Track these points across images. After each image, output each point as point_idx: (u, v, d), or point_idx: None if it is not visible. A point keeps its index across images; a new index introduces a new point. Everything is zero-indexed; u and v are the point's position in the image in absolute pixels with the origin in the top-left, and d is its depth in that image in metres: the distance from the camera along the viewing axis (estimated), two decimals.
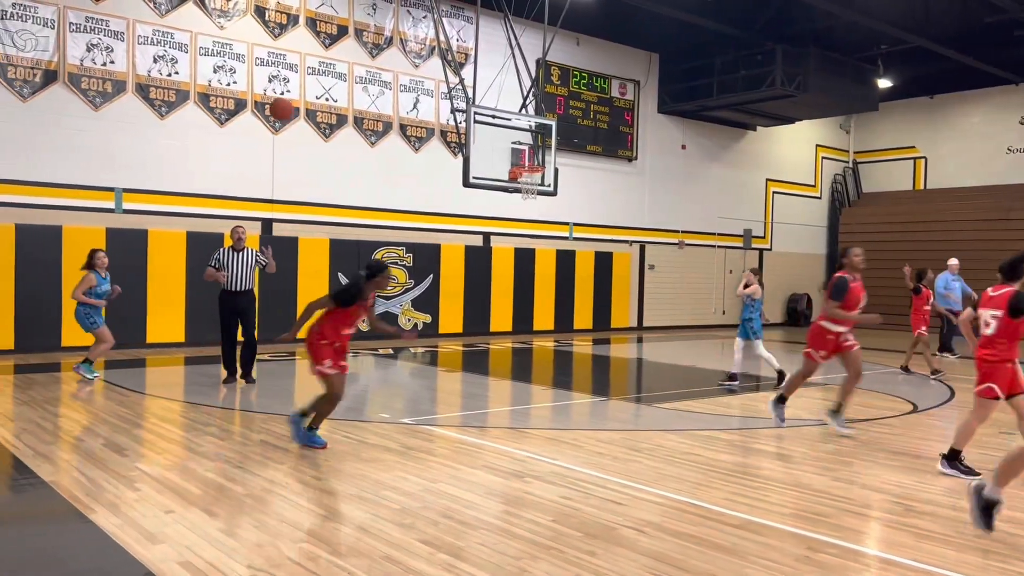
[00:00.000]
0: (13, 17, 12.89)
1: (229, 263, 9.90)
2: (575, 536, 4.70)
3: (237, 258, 9.94)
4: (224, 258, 9.94)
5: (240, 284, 9.94)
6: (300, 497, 5.38)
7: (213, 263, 9.96)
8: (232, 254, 9.96)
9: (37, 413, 8.13)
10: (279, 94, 15.54)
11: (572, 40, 19.62)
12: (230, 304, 9.98)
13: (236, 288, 9.92)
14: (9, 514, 5.23)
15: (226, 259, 9.93)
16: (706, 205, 23.25)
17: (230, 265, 9.90)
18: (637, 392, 10.65)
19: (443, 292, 17.65)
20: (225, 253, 9.99)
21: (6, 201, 12.88)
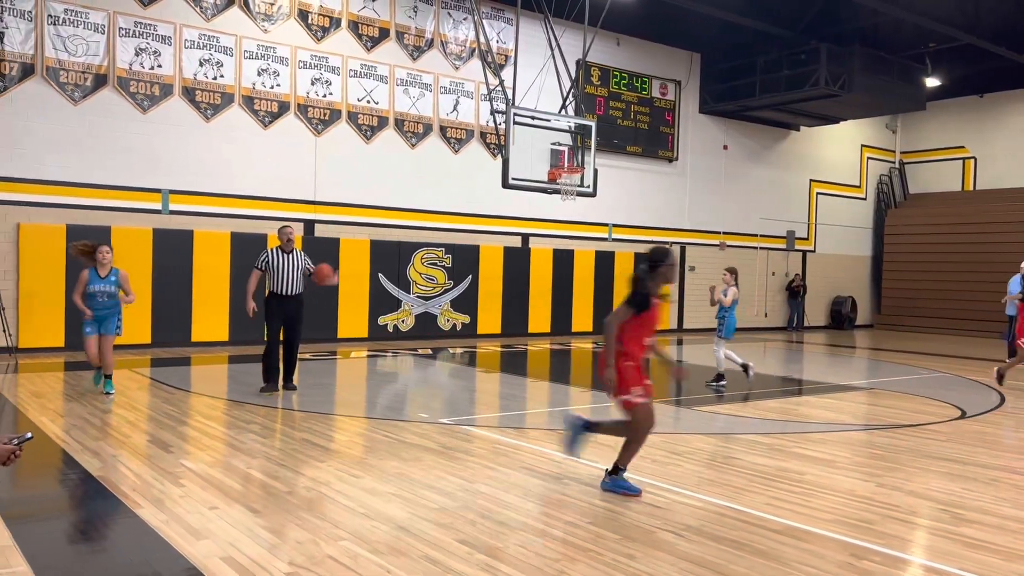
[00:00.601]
0: (65, 23, 13.23)
1: (277, 265, 9.29)
2: (613, 539, 4.68)
3: (285, 260, 9.31)
4: (272, 259, 9.32)
5: (289, 287, 9.30)
6: (340, 495, 5.43)
7: (260, 265, 9.37)
8: (280, 255, 9.32)
9: (86, 409, 8.33)
10: (321, 97, 15.73)
11: (612, 40, 19.54)
12: (278, 309, 9.34)
13: (285, 292, 9.30)
14: (59, 508, 5.37)
15: (274, 260, 9.31)
16: (748, 206, 22.99)
17: (278, 267, 9.28)
18: (677, 395, 10.56)
19: (482, 293, 17.70)
20: (273, 254, 9.35)
21: (58, 202, 13.22)
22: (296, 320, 9.48)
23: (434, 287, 17.08)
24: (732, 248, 22.61)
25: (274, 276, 9.32)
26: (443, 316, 17.27)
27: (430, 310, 17.09)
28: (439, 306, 17.23)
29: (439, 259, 17.12)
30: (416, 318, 16.90)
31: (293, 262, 9.39)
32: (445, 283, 17.23)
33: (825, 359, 16.71)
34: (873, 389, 11.07)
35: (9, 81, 12.80)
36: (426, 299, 17.00)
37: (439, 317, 17.21)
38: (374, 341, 16.16)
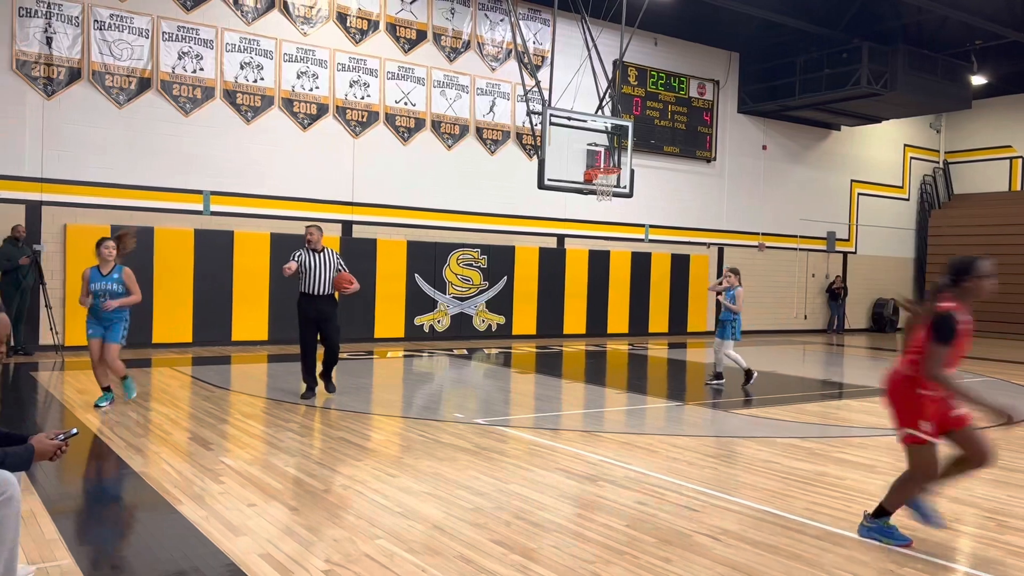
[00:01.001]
0: (110, 27, 13.52)
1: (307, 264, 9.09)
2: (649, 542, 4.65)
3: (315, 259, 9.10)
4: (304, 258, 9.14)
5: (318, 287, 9.07)
6: (376, 494, 5.47)
7: (295, 256, 9.21)
8: (310, 255, 9.13)
9: (129, 407, 8.50)
10: (359, 99, 15.87)
11: (650, 40, 19.43)
12: (308, 309, 9.14)
13: (314, 291, 9.08)
14: (103, 503, 5.49)
15: (305, 259, 9.12)
16: (787, 207, 22.70)
17: (309, 266, 9.07)
18: (714, 398, 10.46)
19: (517, 294, 17.71)
20: (303, 253, 9.17)
21: (103, 203, 13.50)
22: (329, 319, 9.20)
23: (470, 288, 17.13)
24: (771, 249, 22.35)
25: (304, 275, 9.11)
26: (478, 317, 17.32)
27: (465, 311, 17.15)
28: (474, 307, 17.27)
29: (475, 260, 17.17)
30: (452, 319, 16.96)
31: (324, 262, 9.14)
32: (480, 284, 17.27)
33: (866, 362, 16.44)
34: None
35: (57, 85, 13.12)
36: (462, 300, 17.06)
37: (474, 318, 17.26)
38: (410, 341, 16.26)
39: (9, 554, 3.13)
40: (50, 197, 13.11)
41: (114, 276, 8.13)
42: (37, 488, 5.36)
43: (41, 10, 12.95)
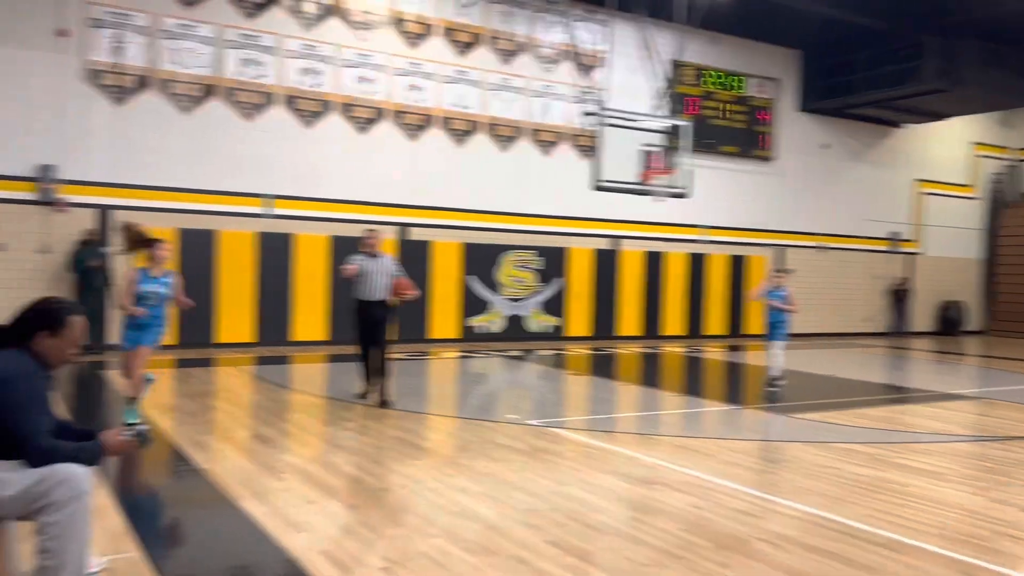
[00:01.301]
0: (177, 36, 13.93)
1: (363, 269, 9.00)
2: (706, 546, 4.60)
3: (371, 264, 9.02)
4: (363, 263, 9.06)
5: (375, 292, 8.97)
6: (433, 493, 5.53)
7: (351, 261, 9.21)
8: (365, 260, 9.04)
9: (194, 405, 8.75)
10: (416, 103, 16.04)
11: (707, 39, 19.20)
12: (362, 314, 9.07)
13: (367, 296, 8.99)
14: (169, 498, 5.66)
15: (364, 264, 9.04)
16: (849, 207, 22.17)
17: (364, 271, 8.98)
18: (772, 401, 10.29)
19: (571, 295, 17.68)
20: (363, 259, 9.09)
21: (170, 207, 13.92)
22: (378, 326, 9.00)
23: (523, 289, 17.16)
24: (831, 250, 21.87)
25: (359, 281, 9.04)
26: (532, 318, 17.34)
27: (519, 312, 17.19)
28: (528, 308, 17.30)
29: (529, 261, 17.19)
30: (506, 320, 17.02)
31: (380, 267, 9.04)
32: (534, 285, 17.29)
33: (931, 366, 15.98)
34: (984, 398, 10.51)
35: (127, 93, 13.57)
36: (515, 301, 17.11)
37: (528, 319, 17.29)
38: (464, 342, 16.36)
39: (81, 547, 3.26)
40: (119, 201, 13.56)
41: (165, 279, 7.47)
42: (107, 483, 5.55)
43: (112, 20, 13.41)
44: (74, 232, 13.04)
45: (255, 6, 14.56)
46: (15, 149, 12.78)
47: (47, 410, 3.33)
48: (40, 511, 3.18)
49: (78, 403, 9.03)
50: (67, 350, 3.45)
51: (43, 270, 12.99)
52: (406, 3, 15.96)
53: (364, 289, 9.03)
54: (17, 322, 3.42)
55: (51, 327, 3.40)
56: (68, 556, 3.18)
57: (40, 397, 3.31)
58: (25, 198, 12.91)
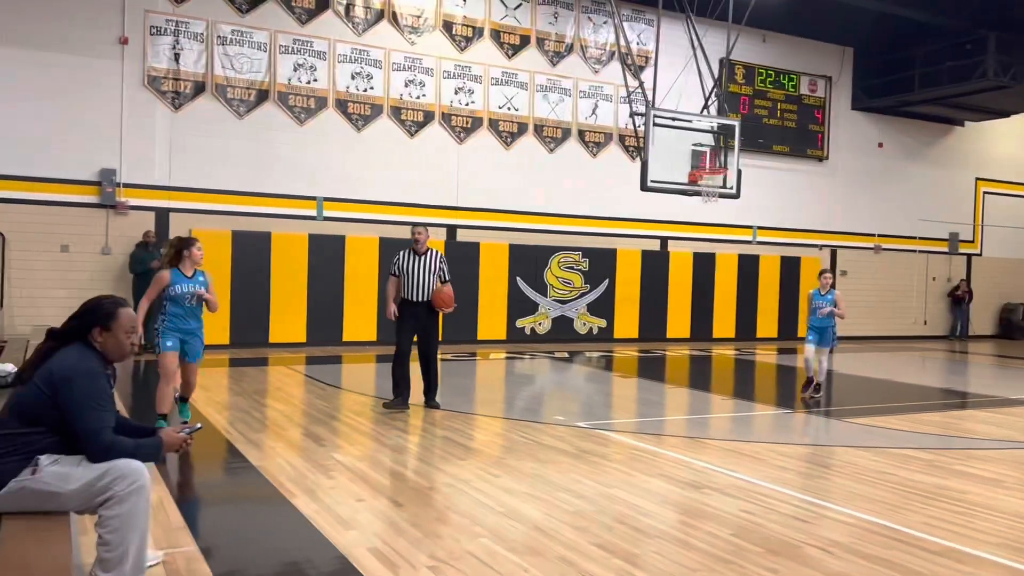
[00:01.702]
0: (232, 42, 14.24)
1: (408, 267, 8.63)
2: (756, 552, 4.55)
3: (417, 262, 8.63)
4: (403, 261, 8.68)
5: (419, 292, 8.55)
6: (479, 493, 5.56)
7: (394, 270, 8.78)
8: (411, 257, 8.66)
9: (247, 403, 8.93)
10: (464, 105, 16.15)
11: (758, 37, 18.95)
12: (408, 316, 8.62)
13: (415, 297, 8.57)
14: (224, 494, 5.79)
15: (405, 262, 8.66)
16: (906, 207, 21.65)
17: (409, 270, 8.62)
18: (825, 405, 10.10)
19: (619, 297, 17.59)
20: (404, 256, 8.71)
21: (224, 210, 14.23)
22: (428, 328, 8.65)
23: (571, 291, 17.13)
24: (887, 251, 21.38)
25: (405, 280, 8.62)
26: (580, 320, 17.30)
27: (567, 314, 17.16)
28: (576, 310, 17.26)
29: (576, 263, 17.16)
30: (553, 321, 17.01)
31: (426, 265, 8.60)
32: (582, 287, 17.25)
33: (992, 371, 15.51)
34: None
35: (184, 98, 13.92)
36: (563, 303, 17.09)
37: (576, 321, 17.25)
38: (512, 343, 16.40)
39: (140, 540, 3.36)
40: (177, 204, 13.91)
41: (200, 279, 7.12)
42: (165, 478, 5.71)
43: (170, 28, 13.77)
44: (134, 234, 13.42)
45: (308, 12, 14.81)
46: (78, 154, 13.21)
47: (109, 407, 3.43)
48: (101, 505, 3.29)
49: (135, 401, 9.29)
50: (123, 342, 3.55)
51: (105, 271, 13.39)
52: (455, 6, 16.08)
53: (408, 288, 8.63)
54: (72, 323, 3.54)
55: (102, 323, 3.51)
56: (128, 548, 3.28)
57: (102, 394, 3.41)
58: (88, 201, 13.33)
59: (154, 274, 13.08)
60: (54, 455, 3.33)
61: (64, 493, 3.27)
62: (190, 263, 7.12)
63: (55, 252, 13.12)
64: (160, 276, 7.00)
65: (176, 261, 7.06)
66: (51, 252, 13.10)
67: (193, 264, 7.12)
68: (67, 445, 3.36)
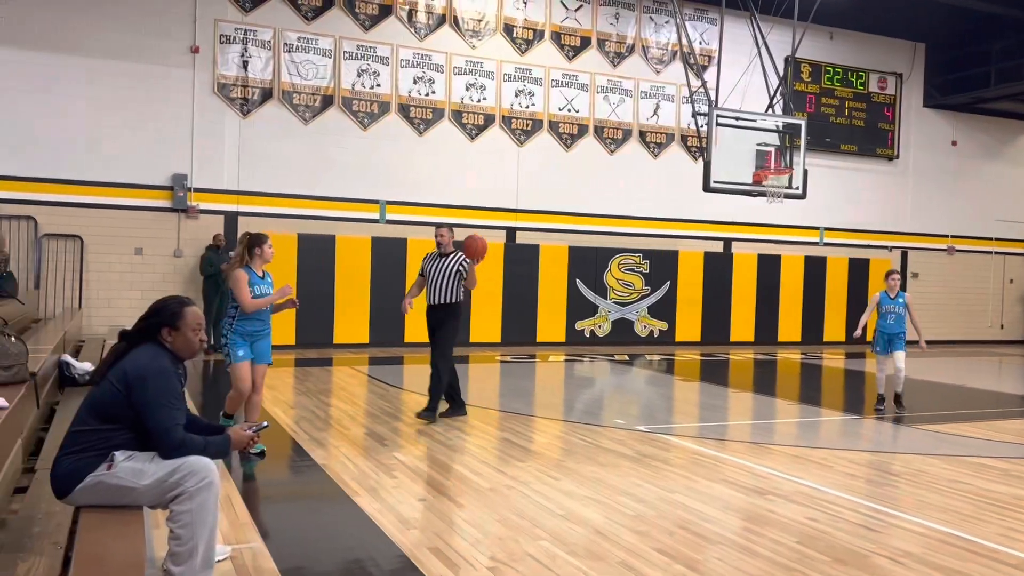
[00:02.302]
0: (298, 49, 14.56)
1: (428, 270, 8.34)
2: (822, 560, 4.44)
3: (436, 265, 8.28)
4: (426, 265, 8.42)
5: (434, 296, 8.24)
6: (539, 496, 5.56)
7: (422, 270, 8.50)
8: (434, 259, 8.35)
9: (312, 402, 9.11)
10: (524, 108, 16.18)
11: (824, 34, 18.52)
12: (427, 319, 8.44)
13: (431, 300, 8.29)
14: (289, 491, 5.92)
15: (427, 266, 8.38)
16: (981, 206, 20.87)
17: (428, 272, 8.32)
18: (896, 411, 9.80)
19: (680, 299, 17.38)
20: (428, 259, 8.43)
21: (291, 214, 14.54)
22: (439, 333, 8.27)
23: (631, 293, 17.00)
24: (961, 252, 20.65)
25: (427, 281, 8.36)
26: (640, 322, 17.15)
27: (627, 316, 17.03)
28: (636, 312, 17.12)
29: (636, 265, 17.02)
30: (613, 324, 16.90)
31: (445, 267, 8.21)
32: (642, 289, 17.10)
33: None
34: None
35: (252, 105, 14.28)
36: (623, 305, 16.96)
37: (636, 323, 17.11)
38: (571, 346, 16.35)
39: (209, 534, 3.45)
40: (245, 208, 14.27)
41: (269, 280, 6.68)
42: (233, 475, 5.86)
43: (238, 36, 14.15)
44: (204, 237, 13.82)
45: (371, 18, 15.05)
46: (152, 160, 13.67)
47: (180, 405, 3.54)
48: (173, 500, 3.40)
49: (206, 400, 9.55)
50: (192, 340, 3.66)
51: (176, 273, 13.82)
52: (515, 10, 16.13)
53: (428, 291, 8.36)
54: (141, 324, 3.66)
55: (170, 322, 3.62)
56: (198, 543, 3.38)
57: (174, 392, 3.52)
58: (160, 205, 13.78)
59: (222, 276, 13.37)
60: (129, 451, 3.45)
61: (138, 488, 3.39)
62: (261, 261, 6.60)
63: (130, 255, 13.59)
64: (239, 276, 6.39)
65: (248, 259, 6.51)
66: (126, 255, 13.58)
67: (263, 263, 6.62)
68: (141, 442, 3.48)
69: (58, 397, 6.60)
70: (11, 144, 12.87)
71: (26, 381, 4.67)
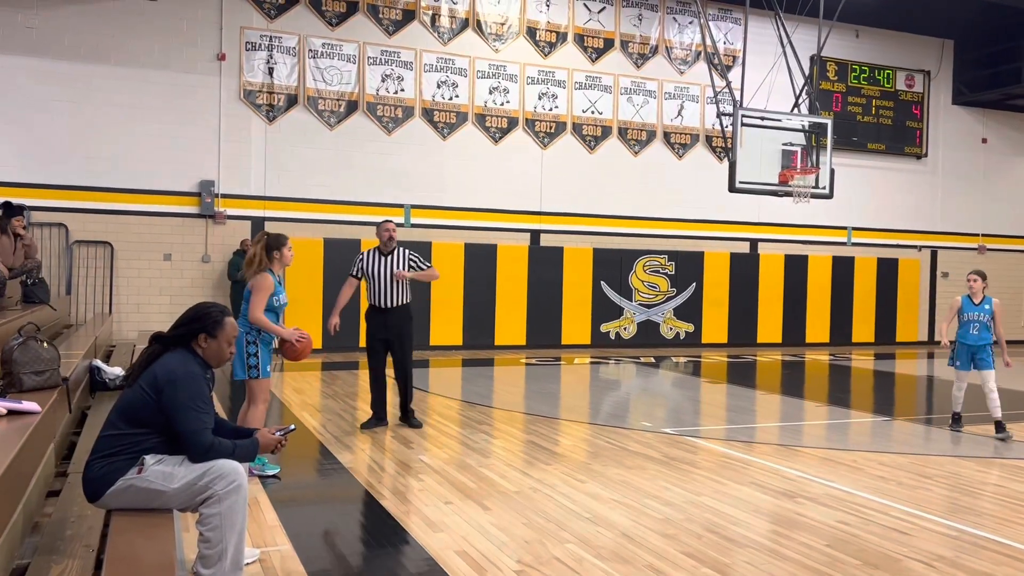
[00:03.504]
0: (322, 55, 14.67)
1: (373, 270, 7.58)
2: (853, 564, 4.38)
3: (382, 263, 7.58)
4: (367, 263, 7.61)
5: (387, 297, 7.57)
6: (565, 499, 5.55)
7: (355, 271, 7.69)
8: (376, 258, 7.62)
9: (339, 405, 9.16)
10: (547, 110, 16.18)
11: (850, 32, 18.33)
12: (377, 325, 7.64)
13: (384, 303, 7.60)
14: (316, 494, 5.95)
15: (369, 264, 7.61)
16: (1012, 204, 20.53)
17: (374, 273, 7.56)
18: (927, 413, 9.66)
19: (706, 301, 17.27)
20: (368, 257, 7.64)
21: (317, 218, 14.65)
22: (402, 338, 7.65)
23: (656, 295, 16.92)
24: (993, 252, 20.32)
25: (370, 284, 7.59)
26: (666, 324, 17.06)
27: (652, 318, 16.95)
28: (662, 314, 17.03)
29: (662, 266, 16.94)
30: (638, 326, 16.83)
31: (393, 264, 7.55)
32: (668, 291, 17.01)
33: None
34: None
35: (277, 111, 14.41)
36: (648, 307, 16.89)
37: (662, 325, 17.02)
38: (596, 348, 16.30)
39: (238, 537, 3.48)
40: (272, 213, 14.40)
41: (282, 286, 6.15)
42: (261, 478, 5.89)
43: (264, 43, 14.29)
44: (232, 243, 13.96)
45: (395, 23, 15.13)
46: (180, 166, 13.84)
47: (209, 409, 3.58)
48: (202, 503, 3.43)
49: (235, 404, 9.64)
50: (224, 350, 3.71)
51: (204, 278, 13.98)
52: (538, 13, 16.13)
53: (375, 293, 7.56)
54: (178, 328, 3.70)
55: (209, 330, 3.66)
56: (227, 545, 3.41)
57: (204, 396, 3.56)
58: (188, 211, 13.94)
59: None
60: (159, 455, 3.49)
61: (168, 491, 3.42)
62: (280, 265, 6.02)
63: (159, 260, 13.77)
64: (265, 283, 5.82)
65: (267, 262, 5.92)
66: (155, 260, 13.75)
67: (283, 266, 6.05)
68: (171, 446, 3.52)
69: (89, 402, 6.69)
70: (42, 153, 13.09)
71: (58, 386, 4.74)
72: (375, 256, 7.65)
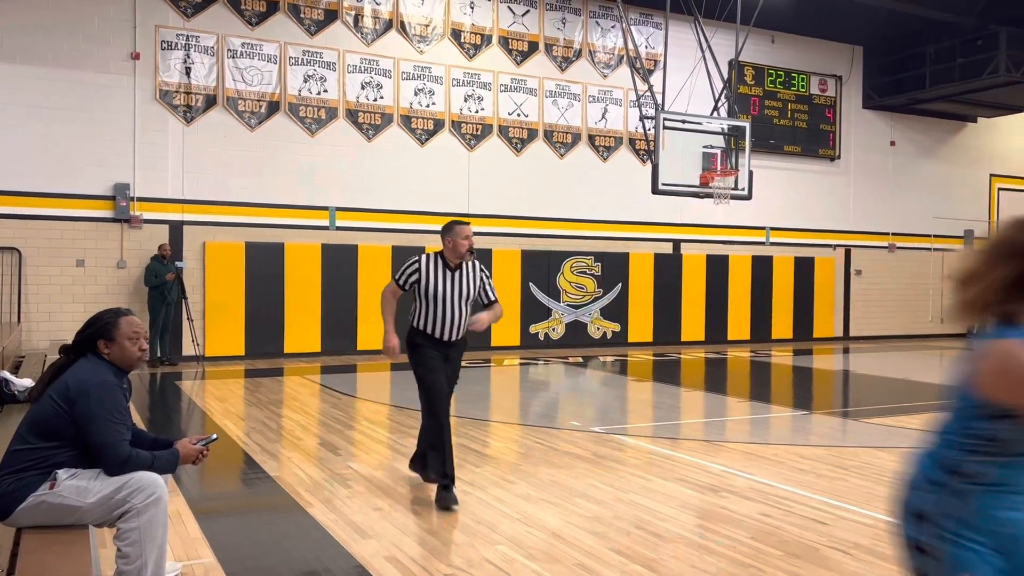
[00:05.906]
0: (242, 55, 14.34)
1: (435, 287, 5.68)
2: (775, 555, 4.52)
3: (450, 281, 5.73)
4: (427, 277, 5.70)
5: (452, 328, 5.67)
6: (496, 500, 5.55)
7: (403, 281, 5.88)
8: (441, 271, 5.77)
9: (263, 413, 8.96)
10: (474, 112, 16.19)
11: (766, 38, 18.90)
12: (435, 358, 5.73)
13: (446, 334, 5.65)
14: (240, 505, 5.81)
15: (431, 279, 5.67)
16: (919, 205, 21.51)
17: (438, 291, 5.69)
18: (843, 406, 10.04)
19: (632, 301, 17.55)
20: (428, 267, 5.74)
21: (238, 222, 14.30)
22: (455, 379, 5.78)
23: (584, 295, 17.11)
24: (902, 250, 21.24)
25: (427, 306, 5.59)
26: (593, 324, 17.26)
27: (580, 318, 17.13)
28: (589, 314, 17.23)
29: (588, 267, 17.14)
30: (566, 326, 16.99)
31: (463, 285, 5.64)
32: (595, 291, 17.22)
33: None
34: None
35: (195, 112, 14.02)
36: (576, 307, 17.06)
37: (589, 325, 17.22)
38: (525, 349, 16.38)
39: (159, 552, 3.37)
40: (191, 217, 13.99)
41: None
42: (182, 489, 5.72)
43: (181, 42, 13.88)
44: (149, 248, 13.51)
45: (317, 23, 14.90)
46: (93, 169, 13.32)
47: (125, 419, 3.45)
48: (120, 517, 3.31)
49: (153, 413, 9.33)
50: (129, 350, 3.54)
51: (120, 284, 13.48)
52: (463, 15, 16.13)
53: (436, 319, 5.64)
54: (78, 338, 3.57)
55: (104, 334, 3.53)
56: (147, 561, 3.29)
57: (118, 406, 3.43)
58: (102, 216, 13.44)
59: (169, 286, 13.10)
60: (72, 469, 3.35)
61: (83, 507, 3.29)
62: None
63: (71, 267, 13.22)
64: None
65: None
66: (67, 267, 13.20)
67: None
68: (85, 459, 3.38)
69: None
70: None
71: None
72: (439, 269, 5.57)
